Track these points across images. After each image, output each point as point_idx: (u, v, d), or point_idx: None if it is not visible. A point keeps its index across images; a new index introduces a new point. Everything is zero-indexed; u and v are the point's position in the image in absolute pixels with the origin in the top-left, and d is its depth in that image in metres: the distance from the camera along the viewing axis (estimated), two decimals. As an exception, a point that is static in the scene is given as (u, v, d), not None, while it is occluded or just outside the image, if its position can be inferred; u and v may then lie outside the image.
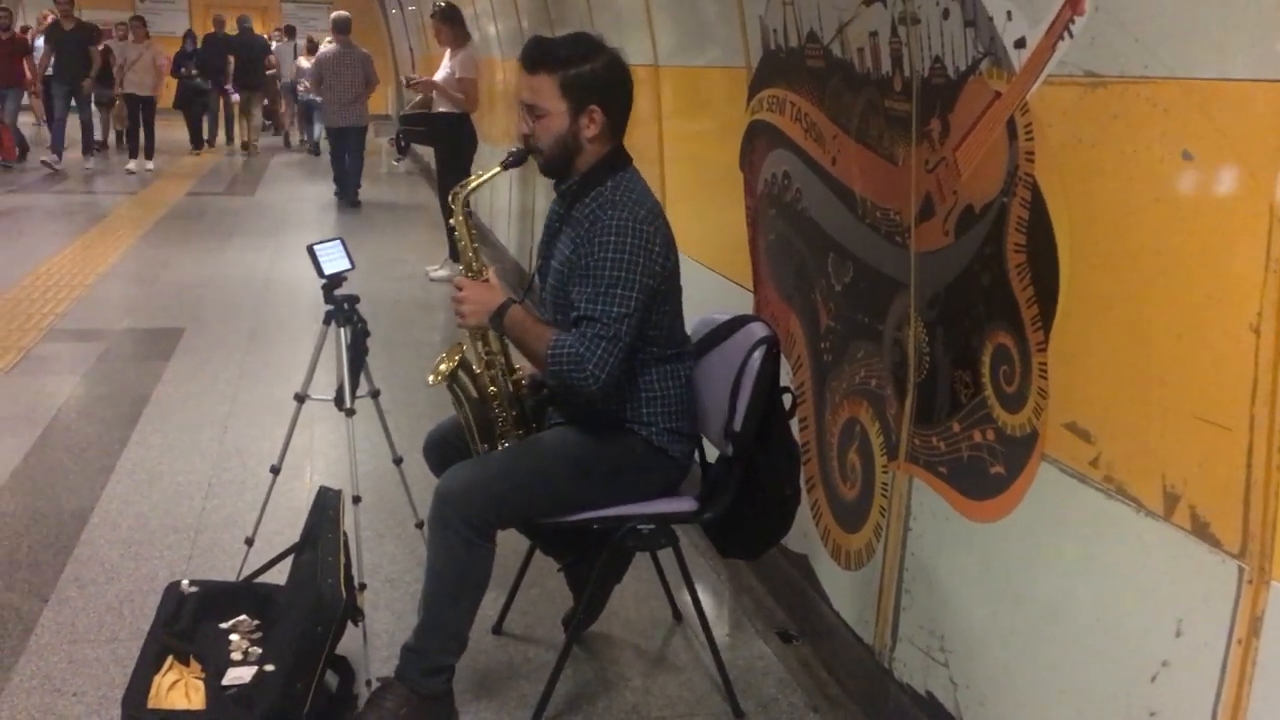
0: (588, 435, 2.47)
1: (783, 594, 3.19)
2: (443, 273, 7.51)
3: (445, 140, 7.32)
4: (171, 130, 15.26)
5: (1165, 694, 1.73)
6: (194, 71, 15.11)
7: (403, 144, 8.42)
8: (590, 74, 2.39)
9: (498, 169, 2.51)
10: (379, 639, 2.83)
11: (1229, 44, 1.52)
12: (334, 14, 10.55)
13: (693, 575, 2.94)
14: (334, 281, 2.81)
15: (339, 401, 2.81)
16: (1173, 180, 1.65)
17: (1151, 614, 1.75)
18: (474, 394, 2.48)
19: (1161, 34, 1.63)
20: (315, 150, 15.56)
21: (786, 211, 3.08)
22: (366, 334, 2.81)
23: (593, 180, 2.45)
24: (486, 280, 2.47)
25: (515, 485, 2.39)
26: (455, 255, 7.39)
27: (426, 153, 12.00)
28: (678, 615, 3.06)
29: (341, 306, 2.79)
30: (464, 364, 2.46)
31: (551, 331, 2.38)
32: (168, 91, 14.38)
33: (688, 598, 2.91)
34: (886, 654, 2.59)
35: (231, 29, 16.43)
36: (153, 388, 4.93)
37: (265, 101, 17.08)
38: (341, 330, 2.79)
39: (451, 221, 2.52)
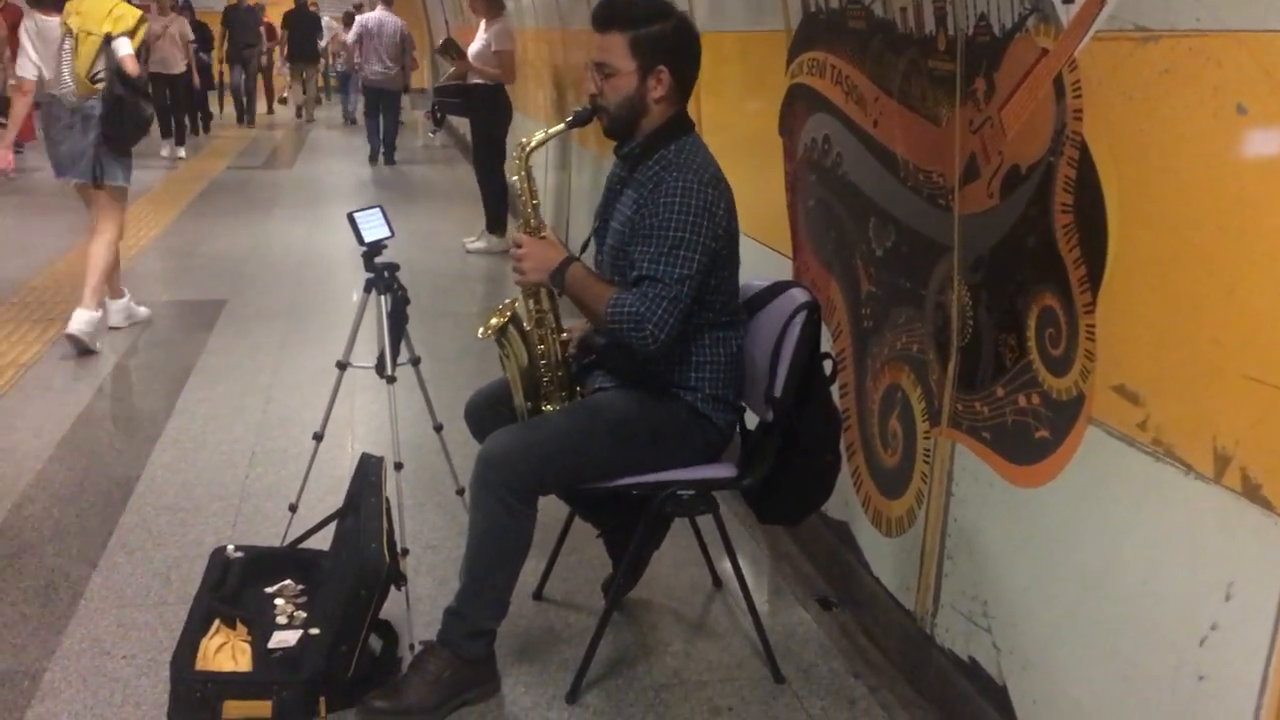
0: (632, 400, 2.47)
1: (822, 561, 3.18)
2: (479, 244, 7.53)
3: (480, 112, 7.30)
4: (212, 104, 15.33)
5: (1215, 657, 1.71)
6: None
7: (439, 115, 8.39)
8: (660, 34, 2.40)
9: (562, 126, 2.51)
10: (421, 604, 2.85)
11: (1285, -6, 1.48)
12: None
13: (732, 542, 2.95)
14: (374, 249, 2.82)
15: (380, 368, 2.82)
16: (1227, 136, 1.62)
17: (1201, 577, 1.73)
18: (522, 350, 2.49)
19: (1215, -15, 1.59)
20: (352, 120, 15.81)
21: (827, 176, 3.05)
22: (407, 301, 2.82)
23: (656, 143, 2.45)
24: (545, 237, 2.47)
25: (558, 449, 2.40)
26: (491, 227, 7.42)
27: (460, 124, 12.00)
28: (717, 582, 3.06)
29: (382, 274, 2.81)
30: (515, 320, 2.47)
31: (612, 290, 2.38)
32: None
33: (727, 565, 2.93)
34: (929, 620, 2.58)
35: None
36: (196, 358, 4.99)
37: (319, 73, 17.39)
38: (382, 298, 2.80)
39: (514, 179, 2.53)
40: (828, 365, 2.60)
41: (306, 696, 2.39)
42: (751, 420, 2.69)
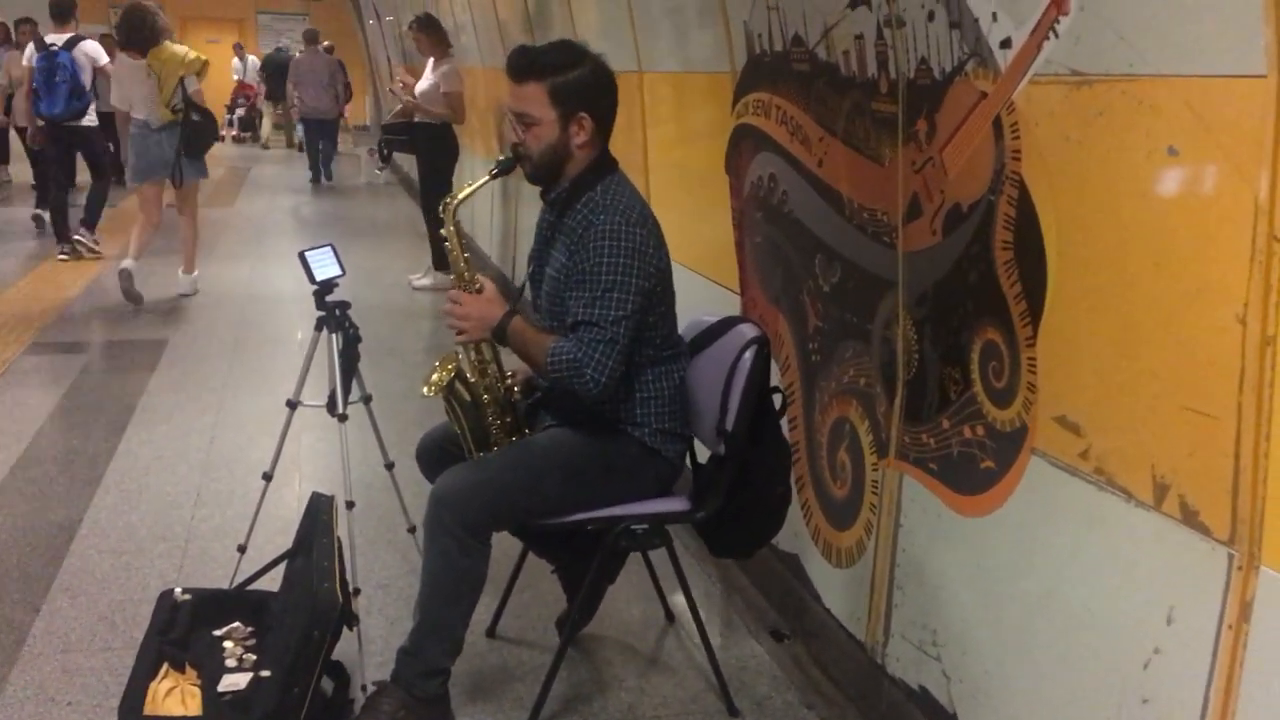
0: (582, 437, 2.49)
1: (774, 593, 3.21)
2: (425, 281, 7.52)
3: (427, 150, 7.30)
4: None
5: (1158, 680, 1.75)
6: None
7: (385, 153, 8.39)
8: (578, 81, 2.42)
9: (486, 178, 2.52)
10: (372, 644, 2.83)
11: (1213, 41, 1.55)
12: (305, 29, 13.75)
13: (674, 579, 2.97)
14: (325, 288, 2.82)
15: (331, 407, 2.82)
16: (1159, 176, 1.68)
17: (1143, 602, 1.78)
18: (469, 402, 2.49)
19: (1146, 32, 1.66)
20: (302, 148, 16.20)
21: (773, 214, 3.11)
22: (358, 340, 2.82)
23: (582, 186, 2.47)
24: (481, 292, 2.48)
25: (510, 487, 2.41)
26: (438, 264, 7.41)
27: (406, 162, 12.02)
28: (670, 616, 3.08)
29: (333, 312, 2.80)
30: (459, 374, 2.47)
31: (550, 339, 2.40)
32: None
33: (679, 599, 2.95)
34: (879, 650, 2.62)
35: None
36: (138, 398, 4.92)
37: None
38: (334, 336, 2.80)
39: (443, 233, 2.53)
40: (777, 399, 2.64)
41: (258, 739, 2.36)
42: (701, 453, 2.72)
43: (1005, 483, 2.14)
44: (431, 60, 7.23)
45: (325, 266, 2.83)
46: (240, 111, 19.61)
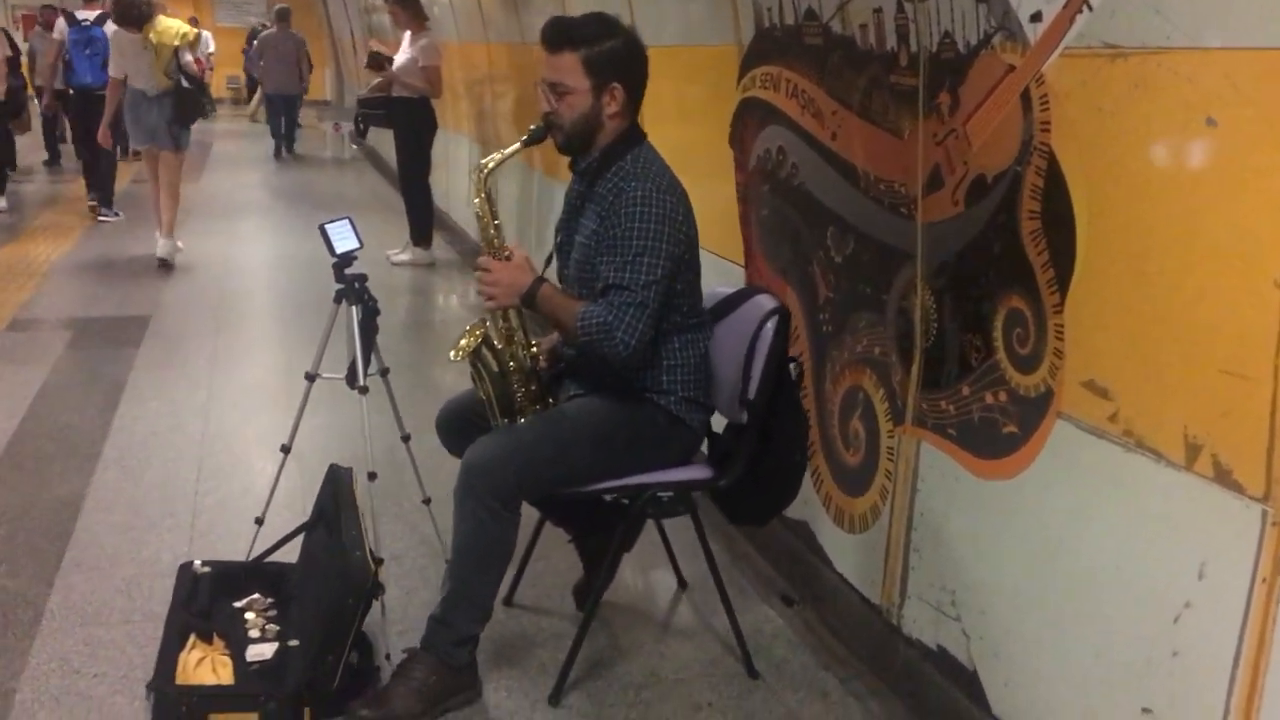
0: (609, 406, 2.53)
1: (781, 561, 3.27)
2: (404, 256, 7.49)
3: (406, 124, 7.24)
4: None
5: (1188, 633, 1.82)
6: None
7: (362, 127, 8.33)
8: (612, 52, 2.45)
9: (518, 145, 2.54)
10: (390, 614, 2.85)
11: (1252, 14, 1.60)
12: (276, 6, 13.68)
13: (690, 548, 3.01)
14: (345, 260, 2.83)
15: (351, 379, 2.83)
16: (1197, 145, 1.74)
17: (1173, 558, 1.84)
18: (495, 368, 2.51)
19: (1183, 6, 1.71)
20: (256, 118, 16.90)
21: (781, 187, 3.14)
22: (377, 312, 2.83)
23: (612, 156, 2.51)
24: (510, 259, 2.50)
25: (540, 457, 2.44)
26: (416, 239, 7.38)
27: (374, 137, 11.93)
28: (683, 583, 3.13)
29: (352, 285, 2.81)
30: (486, 340, 2.49)
31: (580, 304, 2.43)
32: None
33: (690, 567, 3.01)
34: (895, 611, 2.68)
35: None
36: (127, 375, 4.89)
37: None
38: (353, 308, 2.81)
39: (474, 201, 2.55)
40: (793, 369, 2.69)
41: (293, 707, 2.38)
42: (717, 423, 2.76)
43: (1029, 447, 2.20)
44: (409, 34, 7.17)
45: (344, 239, 2.84)
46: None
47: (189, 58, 7.00)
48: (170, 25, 6.96)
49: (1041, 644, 2.19)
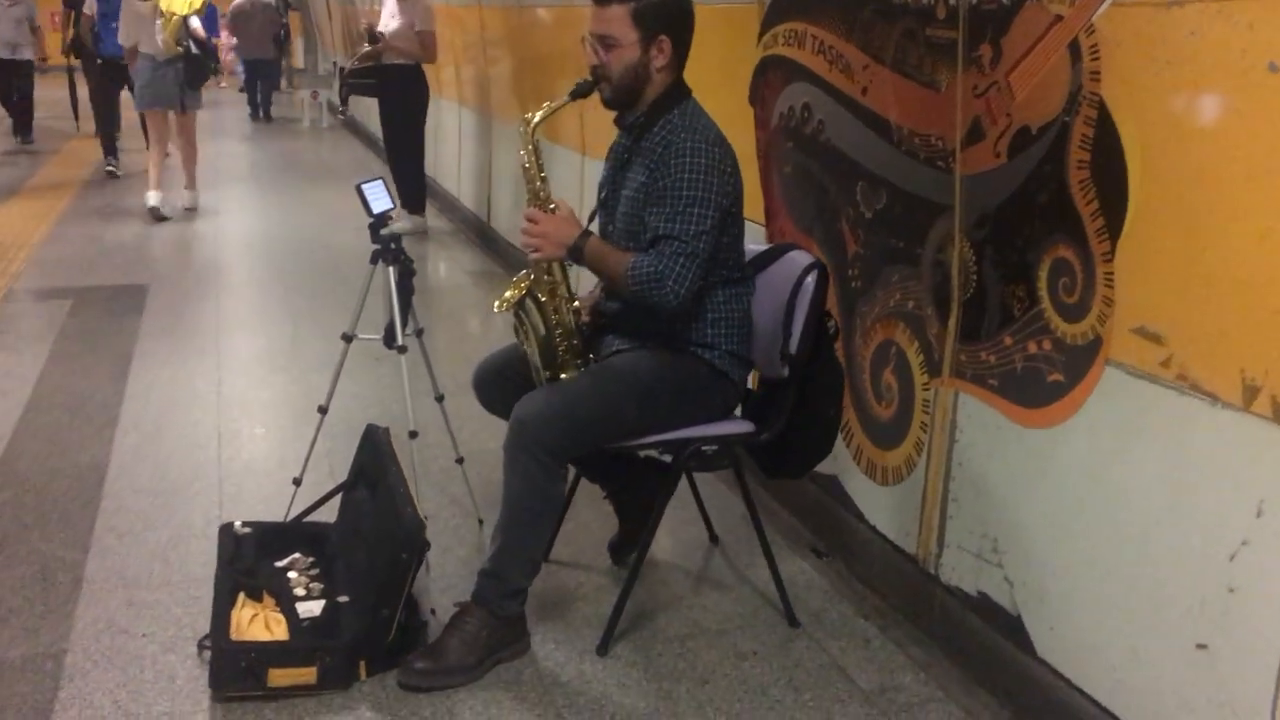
0: (654, 360, 2.55)
1: (807, 516, 3.31)
2: (404, 224, 7.40)
3: (400, 93, 7.14)
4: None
5: (1245, 570, 1.87)
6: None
7: (345, 96, 8.21)
8: (660, 4, 2.46)
9: (566, 99, 2.55)
10: (430, 572, 2.88)
11: (1320, -39, 1.63)
12: None
13: (717, 503, 3.06)
14: (380, 220, 2.83)
15: (389, 339, 2.83)
16: (1258, 90, 1.77)
17: (1230, 497, 1.89)
18: (539, 321, 2.53)
19: (1247, -46, 1.74)
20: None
21: (807, 143, 3.16)
22: (413, 272, 2.84)
23: (660, 110, 2.52)
24: (556, 211, 2.52)
25: (589, 411, 2.46)
26: (410, 206, 7.34)
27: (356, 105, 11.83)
28: (714, 538, 3.16)
29: (389, 245, 2.81)
30: (531, 292, 2.51)
31: (629, 255, 2.45)
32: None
33: (719, 522, 3.06)
34: (932, 560, 2.73)
35: None
36: (133, 343, 4.87)
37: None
38: (390, 269, 2.81)
39: (521, 153, 2.55)
40: (830, 324, 2.72)
41: (348, 661, 2.42)
42: (751, 379, 2.79)
43: (1076, 394, 2.24)
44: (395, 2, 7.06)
45: (379, 199, 2.84)
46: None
47: (196, 24, 7.53)
48: None
49: (1088, 587, 2.24)
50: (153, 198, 7.67)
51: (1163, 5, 1.91)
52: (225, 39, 15.53)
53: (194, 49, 7.53)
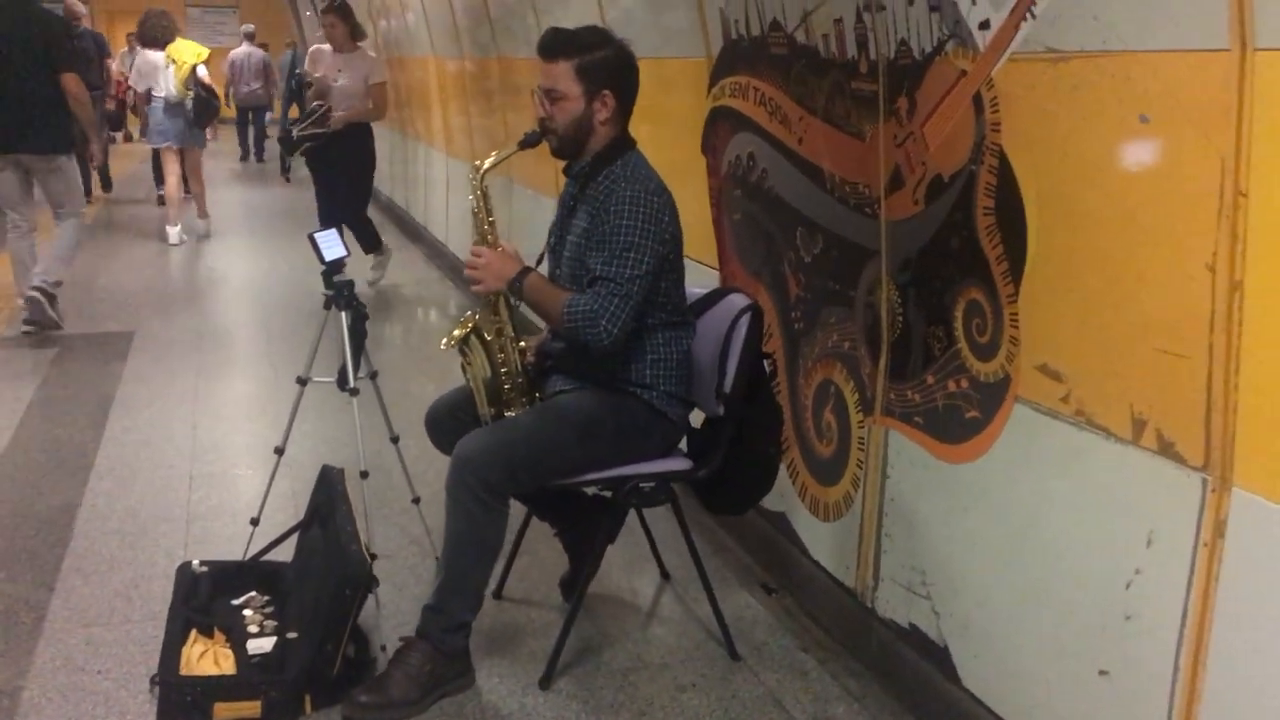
0: (595, 400, 2.65)
1: (759, 551, 3.39)
2: (377, 272, 7.28)
3: (357, 152, 6.74)
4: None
5: (1140, 597, 1.95)
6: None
7: (289, 164, 7.90)
8: (603, 60, 2.60)
9: (515, 148, 2.67)
10: (383, 609, 2.95)
11: (1180, 19, 1.74)
12: (244, 27, 15.23)
13: (671, 540, 3.13)
14: (334, 267, 2.94)
15: (342, 382, 2.93)
16: (1133, 140, 1.88)
17: (1124, 528, 1.97)
18: (484, 359, 2.63)
19: (1119, 12, 1.85)
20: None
21: (752, 191, 3.27)
22: (365, 317, 2.94)
23: (604, 161, 2.65)
24: (501, 249, 2.62)
25: (529, 449, 2.55)
26: (369, 248, 7.12)
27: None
28: (665, 574, 3.24)
29: (341, 291, 2.92)
30: (477, 330, 2.61)
31: (567, 294, 2.56)
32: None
33: (670, 559, 3.13)
34: (869, 594, 2.80)
35: None
36: (115, 388, 4.98)
37: None
38: (343, 314, 2.92)
39: (470, 198, 2.67)
40: (767, 364, 2.81)
41: (293, 695, 2.49)
42: (695, 419, 2.88)
43: (990, 430, 2.33)
44: (335, 52, 6.70)
45: (332, 247, 2.95)
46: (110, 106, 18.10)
47: (203, 71, 8.61)
48: (188, 45, 8.66)
49: (1007, 617, 2.31)
50: (173, 235, 8.77)
51: (1050, 60, 2.02)
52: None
53: (201, 93, 8.58)
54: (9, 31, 5.53)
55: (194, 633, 2.67)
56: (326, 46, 6.84)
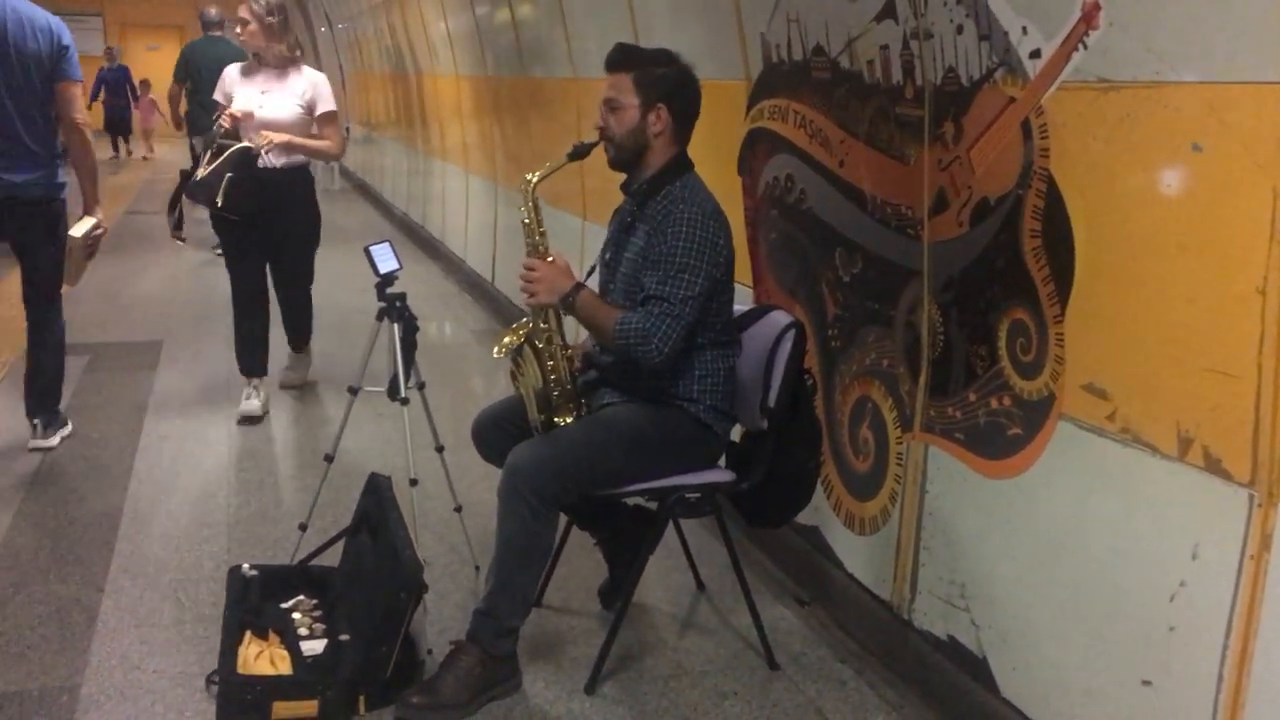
0: (643, 412, 2.72)
1: (791, 565, 3.45)
2: (297, 373, 5.49)
3: (304, 202, 4.91)
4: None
5: (1184, 610, 2.01)
6: None
7: (180, 220, 5.40)
8: (662, 76, 2.70)
9: (564, 160, 2.75)
10: (426, 614, 3.01)
11: (1232, 52, 1.82)
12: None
13: (705, 553, 3.20)
14: (387, 280, 3.01)
15: (392, 392, 3.00)
16: (1185, 168, 1.95)
17: (1168, 542, 2.04)
18: (535, 367, 2.70)
19: (1171, 44, 1.92)
20: None
21: (789, 211, 3.35)
22: (416, 328, 3.01)
23: (663, 180, 2.73)
24: (554, 262, 2.70)
25: (578, 459, 2.62)
26: (303, 341, 5.62)
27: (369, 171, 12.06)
28: (700, 585, 3.30)
29: (394, 303, 2.99)
30: (529, 338, 2.68)
31: (619, 310, 2.63)
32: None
33: (705, 570, 3.19)
34: (905, 606, 2.86)
35: None
36: (148, 396, 5.05)
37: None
38: (395, 325, 2.99)
39: (522, 210, 2.74)
40: (808, 380, 2.88)
41: (348, 695, 2.55)
42: (735, 433, 2.95)
43: (1033, 447, 2.40)
44: (265, 75, 4.69)
45: (386, 260, 3.03)
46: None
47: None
48: None
49: (1047, 629, 2.38)
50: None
51: (1100, 89, 2.09)
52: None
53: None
54: None
55: (248, 634, 2.73)
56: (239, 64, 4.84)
